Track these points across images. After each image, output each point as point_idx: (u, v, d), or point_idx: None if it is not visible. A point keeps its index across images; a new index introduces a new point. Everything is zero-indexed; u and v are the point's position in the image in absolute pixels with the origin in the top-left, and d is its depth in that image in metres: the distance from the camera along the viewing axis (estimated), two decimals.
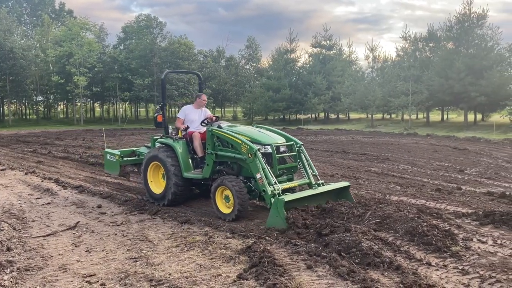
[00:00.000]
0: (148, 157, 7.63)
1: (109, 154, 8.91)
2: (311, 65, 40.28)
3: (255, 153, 6.19)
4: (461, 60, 28.06)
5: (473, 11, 29.09)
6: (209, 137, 6.89)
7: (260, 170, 6.15)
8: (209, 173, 6.88)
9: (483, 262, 4.56)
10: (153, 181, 7.61)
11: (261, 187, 6.11)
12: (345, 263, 4.35)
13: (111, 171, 8.97)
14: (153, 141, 8.32)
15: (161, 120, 7.90)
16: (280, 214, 5.69)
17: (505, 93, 27.91)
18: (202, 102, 7.92)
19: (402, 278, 4.04)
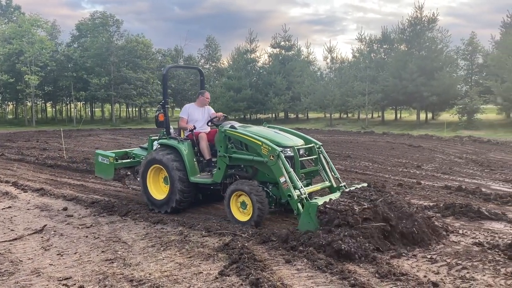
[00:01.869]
0: (148, 159, 7.01)
1: (101, 156, 8.10)
2: (271, 66, 40.67)
3: (278, 155, 5.68)
4: (414, 62, 29.39)
5: (424, 15, 30.59)
6: (222, 139, 6.30)
7: (284, 173, 5.64)
8: (221, 178, 6.31)
9: (449, 251, 4.86)
10: (153, 186, 7.01)
11: (286, 191, 5.59)
12: (322, 256, 4.50)
13: (104, 175, 8.15)
14: (150, 142, 7.72)
15: (163, 120, 7.24)
16: (313, 220, 5.19)
17: (454, 93, 29.54)
18: (205, 100, 7.38)
19: (377, 268, 4.24)
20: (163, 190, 6.95)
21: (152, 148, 7.59)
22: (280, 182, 5.69)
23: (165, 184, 6.93)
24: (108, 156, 7.96)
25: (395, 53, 33.00)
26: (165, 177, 6.89)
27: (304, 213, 5.32)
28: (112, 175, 7.95)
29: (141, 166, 7.18)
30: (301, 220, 5.35)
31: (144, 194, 7.07)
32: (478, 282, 4.00)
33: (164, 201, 6.74)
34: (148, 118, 46.73)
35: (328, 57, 36.83)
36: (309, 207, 5.26)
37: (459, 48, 37.34)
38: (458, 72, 33.21)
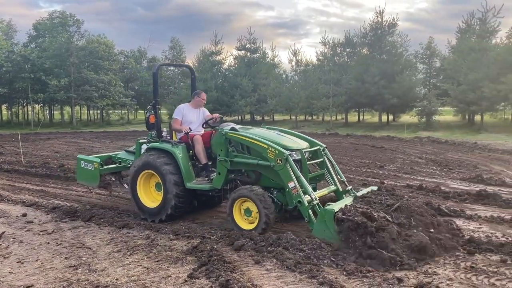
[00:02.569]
0: (138, 164, 6.55)
1: (84, 161, 7.52)
2: (237, 68, 40.64)
3: (286, 159, 5.36)
4: (375, 65, 30.23)
5: (384, 20, 31.52)
6: (222, 142, 5.97)
7: (293, 178, 5.34)
8: (221, 183, 5.98)
9: None
10: (144, 193, 6.61)
11: (296, 197, 5.28)
12: (291, 256, 4.55)
13: (88, 181, 7.65)
14: (138, 145, 7.20)
15: (154, 121, 6.76)
16: (330, 228, 4.90)
17: (413, 95, 30.61)
18: (201, 101, 6.99)
19: (344, 265, 4.33)
20: (155, 197, 6.58)
21: (140, 152, 7.12)
22: (288, 188, 5.37)
23: (157, 190, 6.56)
24: (92, 162, 7.42)
25: (358, 57, 33.82)
26: (157, 183, 6.52)
27: (319, 221, 5.03)
28: (97, 182, 7.41)
29: (130, 172, 6.71)
30: (315, 227, 5.07)
31: (134, 202, 6.64)
32: (440, 276, 4.17)
33: (157, 209, 6.33)
34: (111, 120, 45.52)
35: (293, 60, 37.24)
36: (325, 215, 4.98)
37: (418, 52, 38.76)
38: (417, 75, 34.45)
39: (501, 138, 20.24)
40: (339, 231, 4.80)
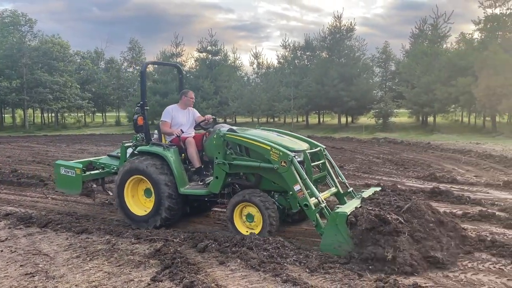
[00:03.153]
0: (125, 170, 6.16)
1: (64, 168, 7.04)
2: (198, 70, 40.38)
3: (291, 161, 5.14)
4: (334, 68, 30.98)
5: (343, 24, 32.37)
6: (220, 144, 5.64)
7: (299, 181, 5.13)
8: (219, 188, 5.70)
9: None
10: (132, 200, 6.26)
11: (302, 201, 5.07)
12: (255, 255, 4.58)
13: (69, 189, 7.21)
14: (124, 149, 6.83)
15: (142, 123, 6.41)
16: (342, 232, 4.66)
17: (370, 98, 31.63)
18: (189, 100, 6.68)
19: (307, 263, 4.42)
20: (144, 204, 6.26)
21: (125, 156, 6.77)
22: (293, 191, 5.15)
23: (147, 197, 6.23)
24: (74, 168, 6.95)
25: (317, 60, 34.52)
26: (147, 189, 6.19)
27: (330, 225, 4.80)
28: (79, 189, 6.98)
29: (117, 178, 6.32)
30: (326, 232, 4.86)
31: (121, 209, 6.26)
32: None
33: (148, 217, 6.01)
34: (66, 124, 43.87)
35: (254, 63, 37.53)
36: (336, 218, 4.74)
37: (374, 56, 40.08)
38: (374, 78, 35.61)
39: (452, 138, 21.33)
40: (352, 235, 4.59)
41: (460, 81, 24.78)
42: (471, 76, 24.22)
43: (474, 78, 23.82)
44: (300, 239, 5.58)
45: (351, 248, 4.57)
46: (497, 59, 22.24)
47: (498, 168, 11.68)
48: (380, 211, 4.72)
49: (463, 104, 26.79)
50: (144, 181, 6.10)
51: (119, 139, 24.72)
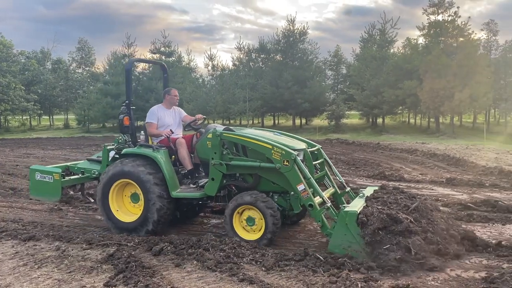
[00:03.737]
0: (111, 174, 5.77)
1: (39, 173, 6.50)
2: (151, 71, 39.61)
3: (294, 160, 5.00)
4: (288, 71, 31.52)
5: (296, 28, 33.03)
6: (216, 144, 5.41)
7: (302, 180, 4.99)
8: (215, 190, 5.47)
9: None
10: (117, 205, 5.91)
11: (306, 201, 4.94)
12: (211, 256, 4.58)
13: (46, 196, 6.64)
14: (106, 152, 6.42)
15: (129, 124, 6.07)
16: (352, 231, 4.59)
17: (323, 100, 32.48)
18: (173, 99, 6.36)
19: (263, 261, 4.48)
20: (131, 210, 5.91)
21: (107, 160, 6.40)
22: (297, 191, 5.01)
23: (134, 202, 5.90)
24: (51, 173, 6.44)
25: (272, 63, 34.95)
26: (133, 194, 5.87)
27: (340, 224, 4.70)
28: (58, 196, 6.46)
29: (101, 183, 5.91)
30: (334, 232, 4.77)
31: (106, 217, 5.89)
32: None
33: (136, 223, 5.67)
34: (10, 127, 41.47)
35: (209, 65, 37.39)
36: (346, 217, 4.65)
37: (327, 60, 41.26)
38: (327, 81, 36.63)
39: (400, 139, 22.36)
40: (363, 235, 4.52)
41: (406, 84, 26.02)
42: (417, 80, 25.51)
43: (419, 81, 25.10)
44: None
45: (361, 248, 4.52)
46: (440, 63, 23.57)
47: (442, 166, 12.40)
48: (390, 210, 4.69)
49: (410, 106, 28.15)
50: (131, 185, 5.78)
51: (68, 143, 23.76)
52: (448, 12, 25.59)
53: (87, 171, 6.72)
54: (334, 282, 3.91)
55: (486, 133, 22.82)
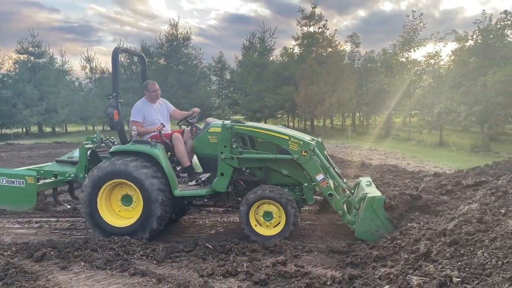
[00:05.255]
0: (101, 174, 5.20)
1: (5, 177, 5.63)
2: (18, 73, 35.76)
3: (313, 150, 5.04)
4: (173, 75, 31.38)
5: (179, 32, 33.04)
6: (226, 137, 5.21)
7: (321, 170, 5.06)
8: (226, 185, 5.24)
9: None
10: (107, 209, 5.35)
11: (326, 190, 5.05)
12: (100, 256, 4.56)
13: (17, 203, 5.74)
14: (84, 151, 5.90)
15: (118, 118, 5.51)
16: (380, 216, 4.74)
17: (209, 104, 33.05)
18: (152, 95, 5.88)
19: (154, 255, 4.61)
20: (122, 213, 5.40)
21: (85, 159, 5.89)
22: (316, 181, 5.07)
23: (125, 204, 5.39)
24: (23, 176, 5.63)
25: (156, 67, 34.37)
26: (125, 196, 5.37)
27: (367, 210, 4.82)
28: (33, 202, 5.69)
29: (87, 185, 5.30)
30: (361, 218, 4.87)
31: (94, 222, 5.30)
32: None
33: (133, 228, 5.20)
34: None
35: (87, 67, 35.21)
36: (374, 202, 4.80)
37: (211, 65, 41.98)
38: (212, 86, 37.30)
39: None
40: (391, 218, 4.72)
41: (284, 89, 27.98)
42: (293, 86, 27.60)
43: (296, 87, 27.20)
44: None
45: (388, 231, 4.65)
46: (312, 71, 25.88)
47: None
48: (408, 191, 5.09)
49: (288, 109, 30.25)
50: (122, 186, 5.33)
51: None
52: (319, 25, 28.24)
53: (60, 174, 6.11)
54: (223, 265, 4.25)
55: (352, 133, 25.76)
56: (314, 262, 4.40)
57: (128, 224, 5.25)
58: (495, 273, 2.86)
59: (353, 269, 4.00)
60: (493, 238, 3.31)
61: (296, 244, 4.90)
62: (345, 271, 3.96)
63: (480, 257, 3.14)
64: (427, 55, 23.64)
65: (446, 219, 4.21)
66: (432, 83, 22.66)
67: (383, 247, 4.39)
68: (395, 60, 25.91)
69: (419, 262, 3.56)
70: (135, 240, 5.00)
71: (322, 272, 4.06)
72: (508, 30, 18.60)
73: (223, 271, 4.08)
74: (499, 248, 3.14)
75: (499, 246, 3.16)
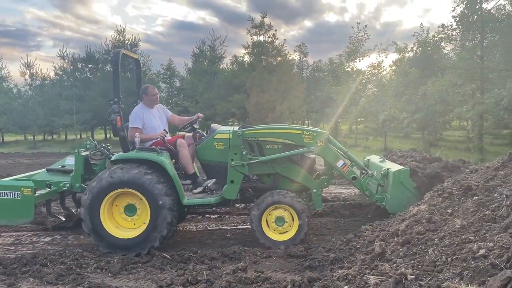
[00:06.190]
0: (104, 184, 4.85)
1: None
2: None
3: (328, 138, 5.19)
4: (121, 83, 30.46)
5: (126, 39, 32.21)
6: (237, 144, 5.15)
7: (340, 156, 5.26)
8: (236, 193, 5.19)
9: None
10: (109, 220, 5.01)
11: (349, 174, 5.26)
12: (51, 271, 4.33)
13: (12, 218, 5.23)
14: (80, 159, 5.66)
15: (121, 125, 5.20)
16: (408, 186, 5.06)
17: None
18: (152, 99, 5.66)
19: (109, 268, 4.45)
20: (125, 224, 5.10)
21: (81, 167, 5.67)
22: (337, 168, 5.25)
23: (129, 214, 5.10)
24: (19, 188, 5.14)
25: (102, 73, 33.24)
26: (128, 206, 5.08)
27: (395, 184, 5.07)
28: (30, 216, 5.17)
29: (88, 195, 4.92)
30: (391, 193, 5.09)
31: (94, 233, 4.95)
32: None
33: (138, 239, 4.91)
34: None
35: (26, 73, 33.25)
36: (399, 175, 5.08)
37: (160, 72, 41.22)
38: (161, 93, 36.64)
39: None
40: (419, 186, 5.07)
41: (235, 97, 28.09)
42: (244, 93, 27.79)
43: (247, 95, 27.41)
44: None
45: (418, 199, 4.87)
46: (263, 79, 26.22)
47: None
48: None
49: (239, 117, 30.36)
50: (126, 196, 5.05)
51: None
52: (268, 34, 28.70)
53: (54, 183, 5.73)
54: (182, 274, 4.19)
55: None
56: (273, 267, 4.45)
57: (137, 235, 4.99)
58: (445, 269, 3.04)
59: (312, 272, 4.09)
60: (442, 237, 3.54)
61: (255, 250, 4.94)
62: (304, 274, 4.05)
63: (431, 254, 3.33)
64: (371, 65, 24.79)
65: (398, 220, 4.44)
66: (376, 92, 23.76)
67: (340, 249, 4.54)
68: (341, 70, 26.92)
69: (375, 262, 3.71)
70: (88, 253, 4.83)
71: (282, 277, 4.12)
72: (444, 42, 19.96)
73: (182, 280, 4.02)
74: (448, 245, 3.35)
75: (448, 243, 3.38)
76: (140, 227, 5.05)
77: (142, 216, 5.09)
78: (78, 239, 5.77)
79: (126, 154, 5.24)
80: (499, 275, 2.53)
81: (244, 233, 6.01)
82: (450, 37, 18.90)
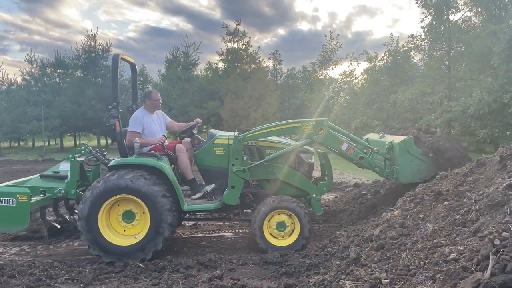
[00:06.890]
0: (104, 189, 4.74)
1: None
2: None
3: (328, 124, 5.19)
4: (91, 88, 29.86)
5: (98, 44, 31.67)
6: (238, 149, 5.10)
7: (343, 140, 5.26)
8: (236, 199, 5.14)
9: None
10: (107, 226, 4.88)
11: (355, 155, 5.28)
12: (19, 282, 4.17)
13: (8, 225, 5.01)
14: (76, 164, 5.60)
15: (119, 130, 5.17)
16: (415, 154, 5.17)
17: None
18: (155, 104, 5.65)
19: (81, 278, 4.32)
20: (123, 231, 4.98)
21: (76, 173, 5.61)
22: (343, 151, 5.26)
23: (127, 221, 4.97)
24: (14, 194, 4.97)
25: (71, 79, 32.51)
26: (127, 212, 4.95)
27: (402, 154, 5.12)
28: (25, 223, 5.01)
29: (86, 203, 4.78)
30: (401, 165, 5.16)
31: (93, 241, 4.80)
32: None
33: (137, 246, 4.81)
34: None
35: None
36: (405, 145, 5.15)
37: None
38: None
39: None
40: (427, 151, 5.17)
41: (210, 104, 28.01)
42: (219, 100, 27.74)
43: (221, 102, 27.37)
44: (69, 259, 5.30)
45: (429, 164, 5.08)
46: (237, 86, 26.28)
47: None
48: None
49: (214, 124, 30.25)
50: (125, 202, 4.92)
51: None
52: (242, 41, 28.84)
53: (49, 190, 5.61)
54: (157, 284, 4.11)
55: None
56: (249, 275, 4.43)
57: (136, 241, 4.88)
58: (418, 273, 3.11)
59: (288, 279, 4.09)
60: (415, 241, 3.62)
61: (230, 257, 4.91)
62: (281, 281, 4.05)
63: (405, 259, 3.41)
64: (343, 73, 25.29)
65: (372, 226, 4.52)
66: (348, 100, 24.22)
67: (315, 255, 4.57)
68: (314, 78, 27.30)
69: (350, 267, 3.76)
70: (58, 263, 4.67)
71: (258, 284, 4.10)
72: (413, 52, 20.61)
73: None
74: (420, 249, 3.44)
75: (420, 248, 3.46)
76: (139, 233, 4.96)
77: (140, 222, 4.99)
78: (48, 249, 5.59)
79: (125, 159, 5.16)
80: (470, 278, 2.61)
81: (220, 240, 5.98)
82: (419, 47, 19.58)
